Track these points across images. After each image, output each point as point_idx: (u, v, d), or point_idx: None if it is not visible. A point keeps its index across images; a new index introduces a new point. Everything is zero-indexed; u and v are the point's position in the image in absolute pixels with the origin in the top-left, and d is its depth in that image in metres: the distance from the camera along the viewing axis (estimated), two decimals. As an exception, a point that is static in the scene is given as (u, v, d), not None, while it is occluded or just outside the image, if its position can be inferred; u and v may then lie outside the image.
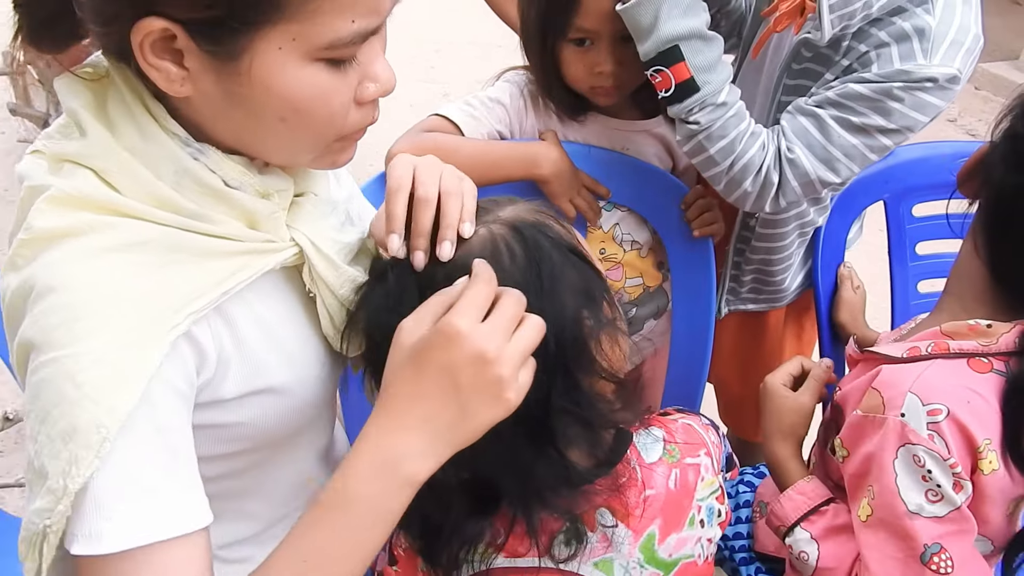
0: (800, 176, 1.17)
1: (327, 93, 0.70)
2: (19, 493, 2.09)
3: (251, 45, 0.65)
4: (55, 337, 0.64)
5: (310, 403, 0.84)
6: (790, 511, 1.00)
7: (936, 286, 1.44)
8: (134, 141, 0.69)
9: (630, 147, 1.37)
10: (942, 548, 0.84)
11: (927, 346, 0.88)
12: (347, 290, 0.81)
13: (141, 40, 0.64)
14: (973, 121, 4.13)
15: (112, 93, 0.71)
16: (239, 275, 0.72)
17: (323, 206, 0.83)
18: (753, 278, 1.48)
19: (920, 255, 1.46)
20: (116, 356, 0.64)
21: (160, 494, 0.66)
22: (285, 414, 0.81)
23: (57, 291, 0.65)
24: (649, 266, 1.42)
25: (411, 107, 3.52)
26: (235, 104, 0.69)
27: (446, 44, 4.76)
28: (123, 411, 0.63)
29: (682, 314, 1.41)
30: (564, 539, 0.84)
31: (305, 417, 0.84)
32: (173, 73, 0.66)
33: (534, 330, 0.71)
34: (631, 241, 1.39)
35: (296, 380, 0.81)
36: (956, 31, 1.09)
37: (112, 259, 0.67)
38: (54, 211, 0.67)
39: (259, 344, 0.77)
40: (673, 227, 1.36)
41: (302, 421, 0.84)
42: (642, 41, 1.13)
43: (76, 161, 0.70)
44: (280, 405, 0.80)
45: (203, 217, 0.71)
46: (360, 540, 0.69)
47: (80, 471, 0.62)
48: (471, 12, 2.42)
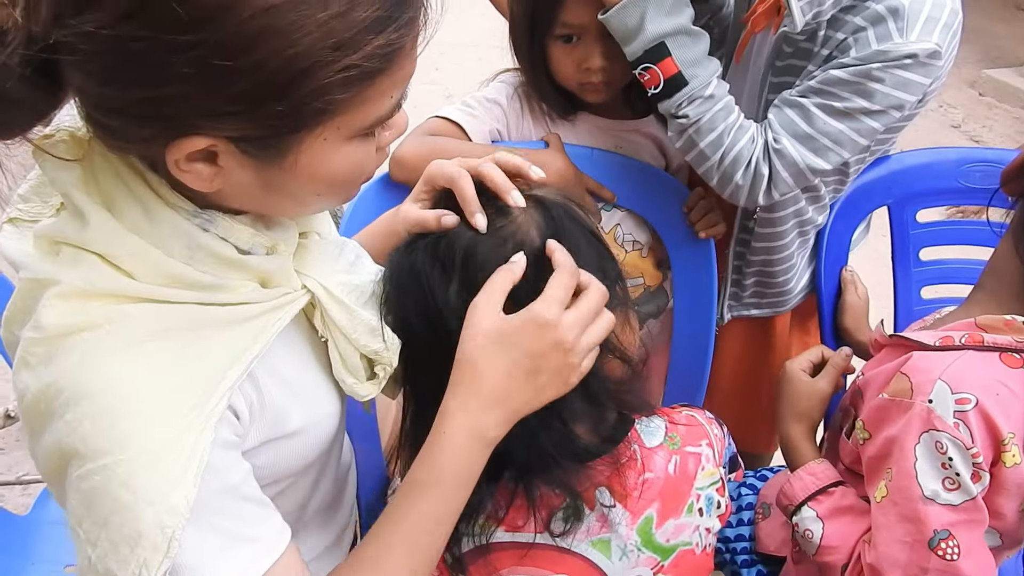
0: (789, 166, 1.18)
1: (364, 163, 0.71)
2: (20, 491, 2.10)
3: (298, 145, 0.64)
4: (98, 445, 0.62)
5: (323, 441, 0.83)
6: (799, 490, 1.02)
7: (939, 292, 1.45)
8: (139, 222, 0.66)
9: (623, 146, 1.37)
10: (951, 535, 0.84)
11: (961, 336, 0.89)
12: (360, 334, 0.80)
13: (177, 157, 0.62)
14: (977, 127, 4.12)
15: (101, 165, 0.66)
16: (262, 337, 0.71)
17: (330, 247, 0.83)
18: (755, 281, 1.48)
19: (923, 261, 1.46)
20: (164, 454, 0.62)
21: (247, 537, 0.68)
22: (299, 454, 0.80)
23: (89, 397, 0.62)
24: (650, 266, 1.42)
25: (415, 108, 3.51)
26: (272, 190, 0.68)
27: (449, 46, 4.77)
28: (183, 508, 0.62)
29: (684, 313, 1.41)
30: (563, 516, 0.85)
31: (318, 453, 0.84)
32: (206, 173, 0.64)
33: (606, 326, 0.80)
34: (632, 241, 1.39)
35: (311, 423, 0.80)
36: (931, 7, 1.10)
37: (137, 352, 0.64)
38: (65, 306, 0.64)
39: (277, 395, 0.75)
40: (674, 226, 1.36)
41: (315, 456, 0.83)
42: (629, 42, 1.14)
43: (79, 246, 0.66)
44: (295, 447, 0.79)
45: (220, 288, 0.69)
46: (457, 503, 0.77)
47: (150, 572, 0.62)
48: (473, 13, 2.43)
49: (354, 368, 0.81)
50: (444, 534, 0.77)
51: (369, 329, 0.81)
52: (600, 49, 1.22)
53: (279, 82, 0.59)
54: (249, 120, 0.61)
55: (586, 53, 1.23)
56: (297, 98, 0.60)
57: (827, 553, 0.98)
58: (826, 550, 0.98)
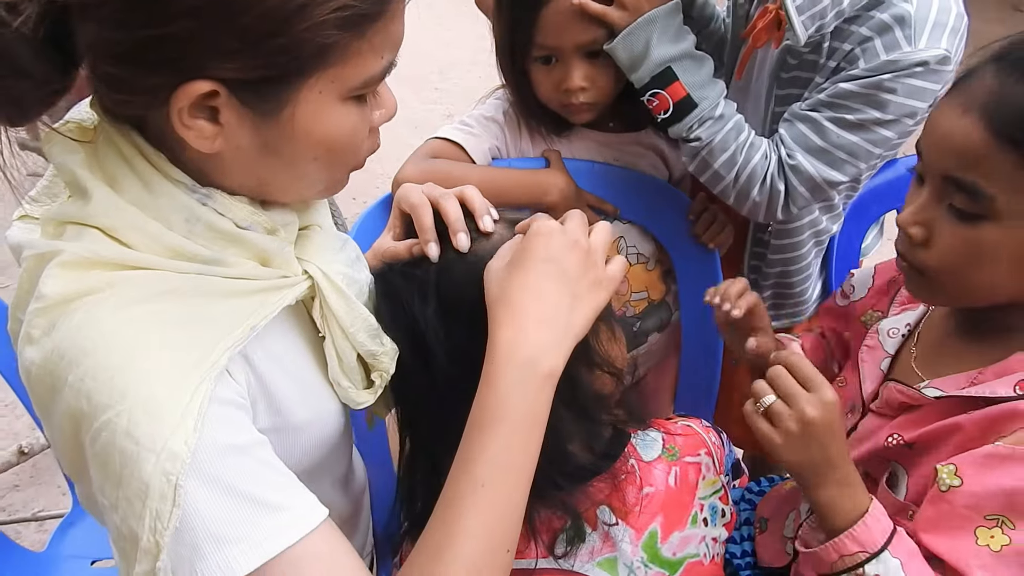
0: (805, 181, 1.17)
1: (356, 128, 0.71)
2: (35, 527, 2.09)
3: (295, 95, 0.66)
4: (100, 400, 0.62)
5: (328, 437, 0.83)
6: (878, 534, 0.84)
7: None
8: (139, 195, 0.68)
9: (621, 159, 1.37)
10: None
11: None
12: (358, 329, 0.80)
13: (182, 105, 0.63)
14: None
15: (104, 148, 0.69)
16: (262, 311, 0.72)
17: (332, 239, 0.83)
18: (773, 292, 1.47)
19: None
20: (164, 400, 0.63)
21: (271, 505, 0.65)
22: (305, 450, 0.80)
23: (91, 354, 0.63)
24: (655, 279, 1.42)
25: (416, 128, 3.54)
26: (269, 152, 0.69)
27: (448, 65, 4.79)
28: (184, 452, 0.61)
29: (691, 325, 1.41)
30: (565, 537, 0.84)
31: (323, 450, 0.83)
32: (207, 131, 0.65)
33: (605, 229, 0.81)
34: (636, 254, 1.39)
35: (315, 417, 0.80)
36: (937, 12, 1.09)
37: (138, 311, 0.65)
38: (67, 275, 0.65)
39: (281, 383, 0.76)
40: (679, 237, 1.36)
41: (321, 454, 0.83)
42: (636, 69, 1.15)
43: (81, 222, 0.68)
44: (299, 441, 0.79)
45: (218, 262, 0.70)
46: (523, 445, 0.72)
47: (163, 523, 0.61)
48: (472, 32, 2.44)
49: (350, 370, 0.81)
50: (519, 483, 0.71)
51: (367, 327, 0.80)
52: (579, 70, 1.21)
53: (279, 16, 0.62)
54: (251, 58, 0.63)
55: (564, 74, 1.22)
56: (296, 33, 0.62)
57: None
58: None
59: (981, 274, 0.85)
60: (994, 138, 0.79)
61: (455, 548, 0.67)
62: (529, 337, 0.73)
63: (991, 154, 0.79)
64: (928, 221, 0.86)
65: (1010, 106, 0.79)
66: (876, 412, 1.00)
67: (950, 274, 0.86)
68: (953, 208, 0.83)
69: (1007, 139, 0.78)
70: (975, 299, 0.89)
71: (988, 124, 0.79)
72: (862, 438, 1.00)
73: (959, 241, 0.84)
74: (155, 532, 0.61)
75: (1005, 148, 0.78)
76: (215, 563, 0.62)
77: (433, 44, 4.99)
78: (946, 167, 0.83)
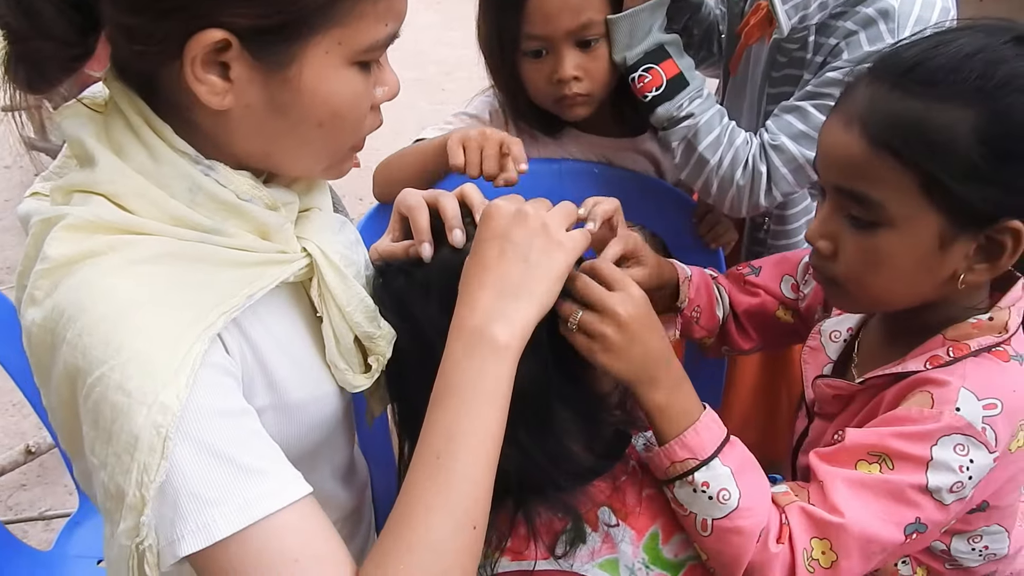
0: (788, 161, 1.18)
1: (360, 96, 0.73)
2: (42, 526, 2.10)
3: (302, 52, 0.68)
4: (95, 355, 0.63)
5: (326, 421, 0.84)
6: (708, 441, 0.84)
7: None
8: (144, 163, 0.70)
9: (614, 162, 1.36)
10: (927, 531, 0.83)
11: (946, 350, 0.87)
12: (355, 309, 0.80)
13: (195, 54, 0.65)
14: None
15: (113, 120, 0.71)
16: (259, 282, 0.73)
17: (331, 220, 0.84)
18: None
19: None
20: (157, 355, 0.64)
21: (256, 470, 0.65)
22: (303, 431, 0.81)
23: (88, 310, 0.64)
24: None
25: (423, 129, 3.53)
26: (276, 112, 0.71)
27: (454, 65, 4.79)
28: (175, 405, 0.62)
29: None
30: (567, 539, 0.84)
31: (321, 434, 0.84)
32: (218, 86, 0.67)
33: (565, 205, 0.82)
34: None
35: (312, 397, 0.81)
36: (921, 7, 1.10)
37: (138, 271, 0.67)
38: (71, 237, 0.67)
39: (275, 360, 0.77)
40: (682, 238, 1.36)
41: (319, 438, 0.84)
42: (631, 47, 1.17)
43: (87, 189, 0.70)
44: (297, 421, 0.80)
45: (219, 231, 0.72)
46: (477, 415, 0.71)
47: (151, 477, 0.61)
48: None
49: (347, 352, 0.82)
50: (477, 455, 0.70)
51: (364, 308, 0.81)
52: (571, 59, 1.20)
53: None
54: (262, 5, 0.65)
55: (556, 65, 1.21)
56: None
57: (743, 516, 0.82)
58: (743, 512, 0.82)
59: (885, 280, 0.87)
60: (873, 147, 0.81)
61: (415, 522, 0.67)
62: (476, 308, 0.74)
63: (872, 163, 0.81)
64: (832, 233, 0.88)
65: (882, 113, 0.81)
66: (819, 414, 1.02)
67: (857, 282, 0.89)
68: (852, 218, 0.86)
69: (884, 146, 0.80)
70: (886, 304, 0.92)
71: (865, 134, 0.81)
72: (813, 442, 1.02)
73: (860, 250, 0.86)
74: (141, 486, 0.61)
75: (883, 155, 0.81)
76: (195, 523, 0.62)
77: (440, 45, 5.00)
78: (837, 179, 0.86)
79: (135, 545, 0.62)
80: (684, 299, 1.13)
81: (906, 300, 0.89)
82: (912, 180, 0.80)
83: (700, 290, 1.16)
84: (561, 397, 0.81)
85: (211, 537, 0.62)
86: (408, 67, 5.38)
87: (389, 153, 1.31)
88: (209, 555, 0.63)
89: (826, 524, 0.82)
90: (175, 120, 0.71)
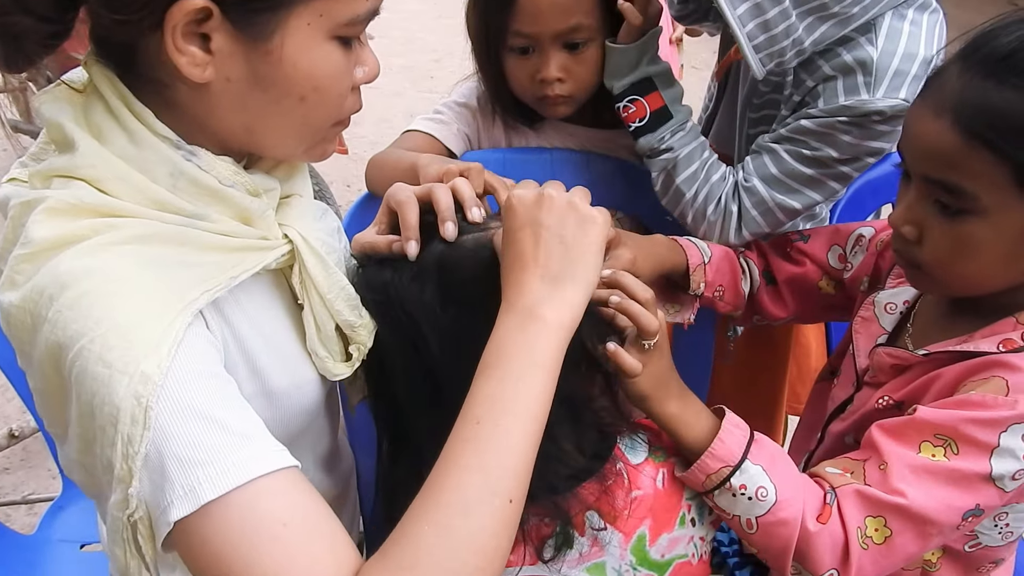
0: (758, 204, 1.18)
1: (341, 71, 0.73)
2: (25, 510, 2.09)
3: (284, 23, 0.68)
4: (75, 329, 0.62)
5: (308, 408, 0.84)
6: (734, 445, 0.87)
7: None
8: (125, 148, 0.69)
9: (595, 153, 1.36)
10: (983, 515, 0.83)
11: (1020, 335, 0.86)
12: (336, 297, 0.80)
13: (176, 22, 0.64)
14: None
15: (93, 103, 0.70)
16: (241, 266, 0.73)
17: (312, 208, 0.84)
18: None
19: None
20: (139, 327, 0.63)
21: (239, 428, 0.64)
22: (284, 418, 0.81)
23: (70, 286, 0.63)
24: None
25: (411, 116, 3.52)
26: (257, 86, 0.70)
27: (444, 53, 4.78)
28: (156, 375, 0.61)
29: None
30: (555, 543, 0.84)
31: (303, 421, 0.84)
32: (199, 57, 0.67)
33: (580, 188, 0.81)
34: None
35: (293, 385, 0.81)
36: (900, 60, 1.08)
37: (120, 250, 0.66)
38: (53, 221, 0.66)
39: (257, 347, 0.77)
40: (671, 228, 1.35)
41: (301, 425, 0.84)
42: (620, 76, 1.18)
43: (67, 174, 0.69)
44: (281, 406, 0.80)
45: (202, 216, 0.71)
46: (520, 385, 0.70)
47: (135, 448, 0.60)
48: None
49: (328, 340, 0.82)
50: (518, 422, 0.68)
51: (346, 295, 0.81)
52: (556, 60, 1.20)
53: None
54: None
55: (541, 64, 1.21)
56: None
57: (784, 507, 0.84)
58: (783, 504, 0.84)
59: (973, 267, 0.86)
60: (966, 138, 0.80)
61: (448, 482, 0.65)
62: (524, 291, 0.74)
63: (966, 155, 0.80)
64: (918, 219, 0.87)
65: (975, 104, 0.80)
66: (869, 383, 1.02)
67: (944, 268, 0.88)
68: (940, 205, 0.84)
69: (979, 139, 0.79)
70: (971, 289, 0.90)
71: (958, 126, 0.80)
72: (856, 409, 1.02)
73: (949, 237, 0.85)
74: (127, 458, 0.61)
75: (978, 147, 0.79)
76: (181, 487, 0.60)
77: (429, 32, 4.97)
78: (926, 169, 0.85)
79: (127, 517, 0.62)
80: (699, 285, 1.14)
81: (990, 285, 0.88)
82: (1006, 171, 0.79)
83: (722, 270, 1.17)
84: (556, 395, 0.81)
85: (197, 500, 0.60)
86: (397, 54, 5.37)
87: (376, 139, 1.31)
88: (196, 524, 0.61)
89: (884, 504, 0.83)
90: (155, 100, 0.70)
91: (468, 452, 0.67)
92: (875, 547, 0.83)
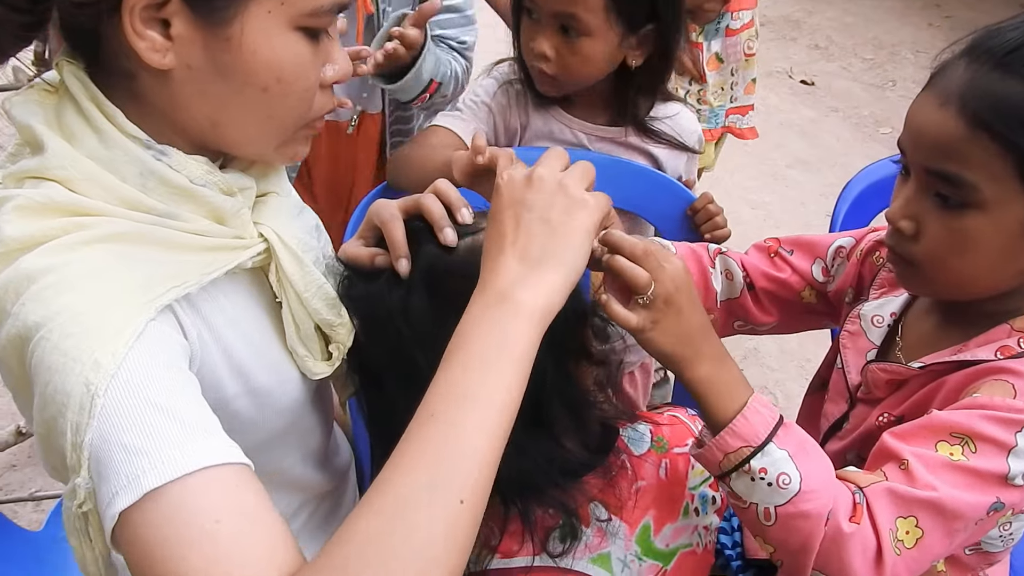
0: None
1: (305, 64, 0.72)
2: (32, 507, 2.10)
3: (244, 10, 0.67)
4: (36, 320, 0.62)
5: (292, 405, 0.83)
6: (759, 425, 0.79)
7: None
8: (95, 148, 0.69)
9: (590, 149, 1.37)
10: (1006, 510, 0.82)
11: (1016, 341, 0.86)
12: (312, 295, 0.80)
13: (134, 4, 0.64)
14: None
15: (64, 105, 0.70)
16: (212, 265, 0.73)
17: (289, 206, 0.84)
18: None
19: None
20: (98, 316, 0.62)
21: (190, 420, 0.62)
22: (269, 416, 0.80)
23: (36, 280, 0.63)
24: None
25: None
26: (218, 74, 0.69)
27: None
28: (110, 364, 0.60)
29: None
30: (560, 535, 0.84)
31: (289, 419, 0.84)
32: (159, 43, 0.67)
33: (582, 163, 0.77)
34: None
35: (276, 382, 0.81)
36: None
37: (90, 248, 0.66)
38: (24, 219, 0.66)
39: (237, 346, 0.77)
40: (676, 229, 1.36)
41: (287, 422, 0.84)
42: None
43: (38, 175, 0.69)
44: (264, 406, 0.79)
45: (173, 215, 0.71)
46: (487, 377, 0.64)
47: (81, 436, 0.59)
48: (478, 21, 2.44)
49: (307, 338, 0.81)
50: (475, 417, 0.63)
51: (323, 294, 0.81)
52: (547, 38, 1.21)
53: None
54: None
55: (535, 33, 1.22)
56: None
57: (808, 499, 0.77)
58: (807, 496, 0.77)
59: (969, 263, 0.85)
60: (971, 127, 0.79)
61: (387, 486, 0.60)
62: (499, 273, 0.69)
63: (969, 143, 0.80)
64: (916, 214, 0.86)
65: (982, 93, 0.79)
66: (864, 400, 1.00)
67: (939, 265, 0.87)
68: (940, 198, 0.84)
69: (983, 127, 0.79)
70: (962, 289, 0.89)
71: (964, 114, 0.80)
72: (854, 427, 1.00)
73: (947, 231, 0.84)
74: (76, 448, 0.60)
75: (982, 136, 0.79)
76: (125, 475, 0.58)
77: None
78: (928, 160, 0.84)
79: (75, 507, 0.61)
80: None
81: (981, 286, 0.87)
82: (1009, 162, 0.79)
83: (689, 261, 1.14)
84: (556, 392, 0.81)
85: (140, 489, 0.57)
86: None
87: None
88: (137, 515, 0.58)
89: (916, 500, 0.78)
90: (123, 95, 0.70)
91: (416, 449, 0.62)
92: (907, 552, 0.78)
